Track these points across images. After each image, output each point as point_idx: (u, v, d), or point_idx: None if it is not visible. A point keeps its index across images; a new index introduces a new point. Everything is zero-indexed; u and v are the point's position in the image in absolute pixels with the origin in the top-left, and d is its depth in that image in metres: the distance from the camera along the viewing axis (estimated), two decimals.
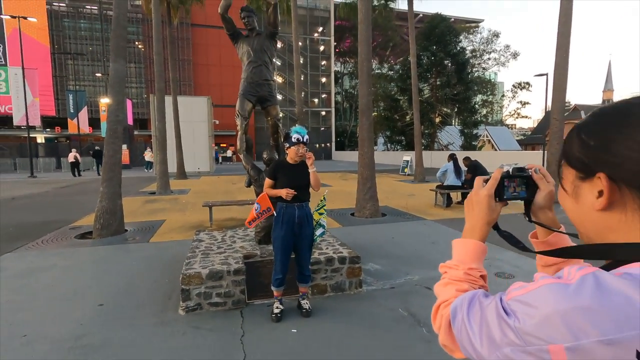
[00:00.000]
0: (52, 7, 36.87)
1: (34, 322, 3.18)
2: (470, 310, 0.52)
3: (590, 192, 0.50)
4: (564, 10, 9.21)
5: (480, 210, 0.66)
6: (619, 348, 0.38)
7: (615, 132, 0.47)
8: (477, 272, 0.63)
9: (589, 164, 0.50)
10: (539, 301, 0.44)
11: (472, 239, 0.67)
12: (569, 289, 0.42)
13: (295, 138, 3.04)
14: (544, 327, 0.42)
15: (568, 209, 0.56)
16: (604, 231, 0.50)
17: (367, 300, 3.61)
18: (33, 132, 29.95)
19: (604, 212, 0.49)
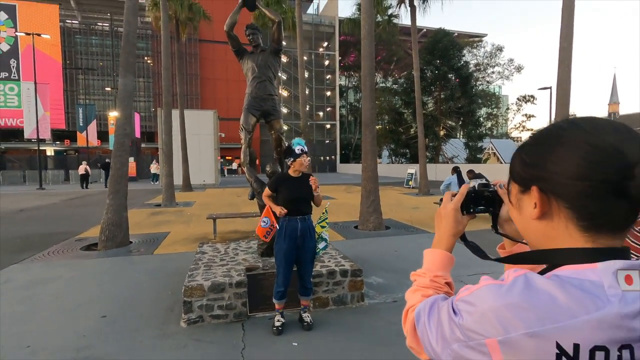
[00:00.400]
0: (66, 24, 38.04)
1: (37, 333, 3.20)
2: (431, 313, 0.57)
3: (529, 203, 0.56)
4: (565, 25, 9.31)
5: (447, 222, 0.72)
6: (541, 340, 0.44)
7: (544, 151, 0.53)
8: (442, 279, 0.69)
9: (526, 178, 0.56)
10: (478, 300, 0.50)
11: (439, 249, 0.72)
12: (502, 288, 0.48)
13: (299, 150, 3.10)
14: (481, 322, 0.48)
15: (515, 219, 0.61)
16: (541, 238, 0.56)
17: (369, 313, 3.59)
18: (43, 144, 30.50)
19: (539, 221, 0.55)
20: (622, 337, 0.44)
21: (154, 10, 17.55)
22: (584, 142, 0.50)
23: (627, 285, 0.47)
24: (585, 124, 0.52)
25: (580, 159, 0.49)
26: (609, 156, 0.48)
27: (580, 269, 0.49)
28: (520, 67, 37.60)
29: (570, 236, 0.52)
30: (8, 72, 35.19)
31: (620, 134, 0.50)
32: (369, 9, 7.86)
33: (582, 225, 0.51)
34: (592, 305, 0.45)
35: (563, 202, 0.52)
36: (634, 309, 0.45)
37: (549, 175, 0.52)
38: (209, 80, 40.89)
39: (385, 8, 18.91)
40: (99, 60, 39.24)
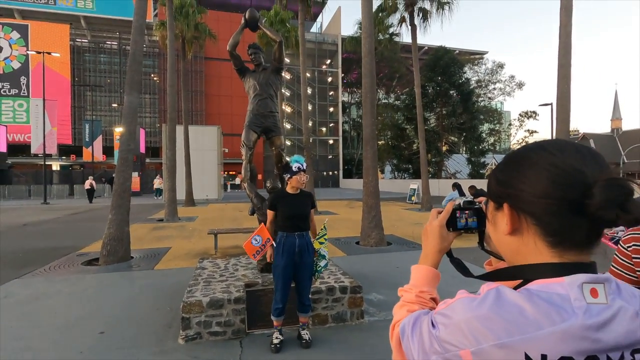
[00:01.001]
0: (76, 42, 39.11)
1: (35, 349, 3.19)
2: (414, 328, 0.59)
3: (502, 220, 0.59)
4: (563, 43, 9.46)
5: (433, 239, 0.74)
6: (510, 350, 0.46)
7: (515, 171, 0.57)
8: (428, 294, 0.70)
9: (499, 196, 0.59)
10: (452, 312, 0.52)
11: (425, 265, 0.74)
12: (475, 301, 0.51)
13: (296, 167, 3.14)
14: (454, 334, 0.50)
15: (491, 235, 0.64)
16: (513, 253, 0.59)
17: (368, 331, 3.55)
18: (49, 159, 30.91)
19: (511, 237, 0.58)
20: (587, 348, 0.46)
21: (161, 29, 18.06)
22: (549, 164, 0.53)
23: (592, 298, 0.49)
24: (551, 147, 0.55)
25: (545, 178, 0.53)
26: (570, 176, 0.52)
27: (548, 283, 0.52)
28: (521, 83, 37.95)
29: (539, 252, 0.55)
30: (18, 89, 36.03)
31: (582, 156, 0.53)
32: (370, 29, 8.05)
33: (548, 241, 0.54)
34: (558, 317, 0.47)
35: (531, 218, 0.55)
36: (598, 321, 0.47)
37: (518, 193, 0.56)
38: (213, 97, 41.55)
39: (387, 27, 19.30)
40: (107, 77, 40.12)
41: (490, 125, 37.91)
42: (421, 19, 17.41)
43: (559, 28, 9.48)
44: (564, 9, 9.38)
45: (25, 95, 35.76)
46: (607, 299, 0.49)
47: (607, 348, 0.46)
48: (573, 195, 0.51)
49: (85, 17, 39.64)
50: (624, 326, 0.48)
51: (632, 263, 1.21)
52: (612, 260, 1.30)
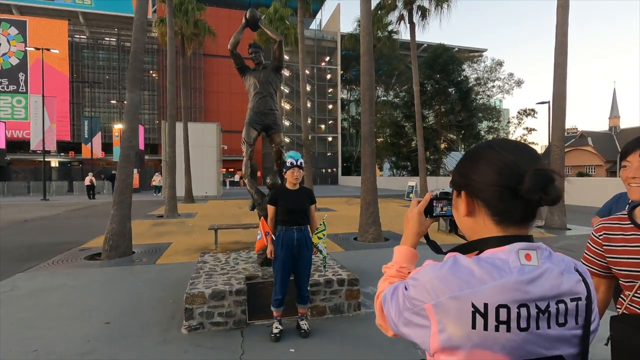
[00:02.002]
0: (74, 39, 39.00)
1: (43, 338, 3.31)
2: (393, 294, 0.72)
3: (462, 204, 0.74)
4: (559, 42, 9.57)
5: (412, 224, 0.89)
6: (461, 301, 0.60)
7: (469, 164, 0.72)
8: (406, 270, 0.84)
9: (459, 185, 0.74)
10: (420, 275, 0.66)
11: (405, 245, 0.88)
12: (437, 265, 0.66)
13: (289, 162, 3.25)
14: (420, 292, 0.64)
15: (455, 217, 0.79)
16: (470, 231, 0.74)
17: (365, 322, 3.68)
18: (48, 156, 30.92)
19: (468, 218, 0.73)
20: (519, 298, 0.60)
21: (161, 26, 18.08)
22: (495, 159, 0.68)
23: (526, 260, 0.63)
24: (497, 145, 0.70)
25: (492, 170, 0.67)
26: (509, 168, 0.66)
27: (494, 251, 0.66)
28: (520, 81, 38.02)
29: (488, 229, 0.70)
30: (16, 85, 35.94)
31: (520, 152, 0.68)
32: (368, 28, 8.14)
33: (495, 219, 0.69)
34: (498, 275, 0.61)
35: (481, 202, 0.69)
36: (529, 277, 0.61)
37: (472, 182, 0.70)
38: (212, 94, 41.55)
39: (386, 25, 19.38)
40: (105, 73, 40.05)
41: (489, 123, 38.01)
42: (420, 16, 17.49)
43: (556, 27, 9.59)
44: (561, 7, 9.48)
45: (23, 91, 35.70)
46: (538, 262, 0.64)
47: (535, 298, 0.61)
48: (511, 182, 0.65)
49: (83, 13, 39.46)
50: (550, 282, 0.62)
51: (603, 250, 1.34)
52: (585, 247, 1.43)
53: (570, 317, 0.63)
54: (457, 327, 0.59)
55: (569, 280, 0.64)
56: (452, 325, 0.60)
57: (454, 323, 0.60)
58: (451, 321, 0.60)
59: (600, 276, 1.37)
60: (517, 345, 0.59)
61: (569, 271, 0.66)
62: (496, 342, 0.59)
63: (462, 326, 0.59)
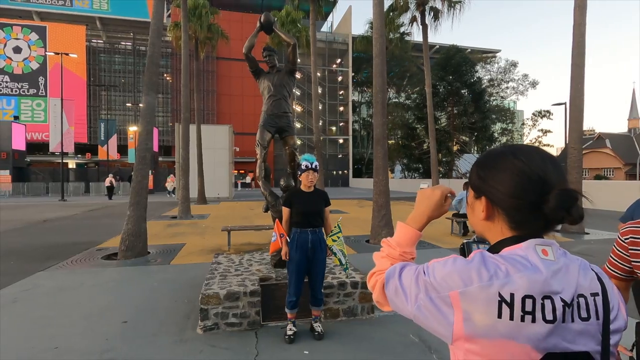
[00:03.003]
0: (91, 43, 40.02)
1: (64, 336, 3.40)
2: (402, 276, 0.73)
3: (479, 207, 0.75)
4: (577, 43, 9.39)
5: (428, 204, 0.84)
6: (488, 290, 0.62)
7: (490, 170, 0.72)
8: (409, 255, 0.83)
9: (479, 189, 0.75)
10: (447, 264, 0.68)
11: (413, 227, 0.84)
12: (465, 259, 0.68)
13: (304, 165, 3.26)
14: (447, 279, 0.65)
15: (468, 215, 0.80)
16: (484, 231, 0.76)
17: (378, 325, 3.67)
18: (65, 157, 31.68)
19: (485, 222, 0.75)
20: (544, 290, 0.62)
21: (175, 31, 18.42)
22: (519, 170, 0.69)
23: (543, 255, 0.66)
24: (523, 156, 0.70)
25: (514, 182, 0.68)
26: (533, 183, 0.67)
27: (512, 249, 0.69)
28: (535, 82, 37.40)
29: (503, 233, 0.72)
30: (36, 89, 37.04)
31: (546, 166, 0.68)
32: (381, 29, 8.14)
33: (511, 227, 0.71)
34: (522, 267, 0.64)
35: (501, 210, 0.71)
36: (551, 271, 0.64)
37: (493, 190, 0.71)
38: (225, 96, 42.03)
39: (398, 26, 19.32)
40: (121, 77, 40.94)
41: (503, 125, 37.45)
42: (432, 18, 17.38)
43: (573, 27, 9.41)
44: (578, 7, 9.31)
45: (43, 95, 36.76)
46: (554, 257, 0.66)
47: (558, 291, 0.63)
48: (534, 198, 0.67)
49: (100, 18, 40.47)
50: (569, 276, 0.65)
51: (628, 254, 1.31)
52: (611, 251, 1.40)
53: (592, 312, 0.64)
54: (484, 315, 0.61)
55: (585, 276, 0.66)
56: (478, 314, 0.61)
57: (480, 312, 0.61)
58: (478, 310, 0.61)
59: (620, 279, 1.36)
60: (542, 337, 0.60)
61: (584, 268, 0.68)
62: (521, 332, 0.60)
63: (488, 315, 0.61)
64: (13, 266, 6.11)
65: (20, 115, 35.55)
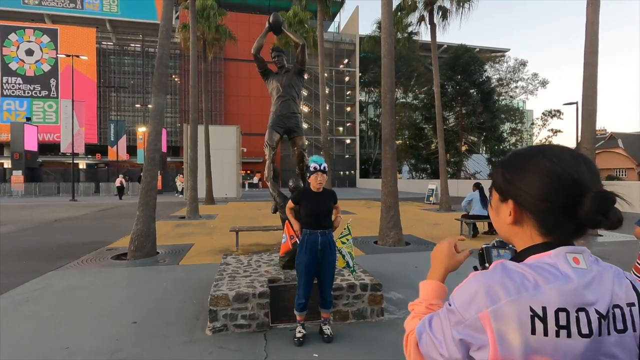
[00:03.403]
0: (101, 45, 40.57)
1: (75, 336, 3.42)
2: (431, 323, 0.68)
3: (505, 210, 0.70)
4: (589, 41, 9.21)
5: (440, 257, 0.85)
6: (519, 305, 0.57)
7: (518, 171, 0.68)
8: (437, 307, 0.79)
9: (505, 191, 0.69)
10: (468, 285, 0.63)
11: (432, 280, 0.83)
12: (486, 272, 0.63)
13: (313, 167, 3.24)
14: (472, 300, 0.61)
15: (492, 218, 0.75)
16: (511, 236, 0.72)
17: (388, 328, 3.62)
18: (76, 158, 32.15)
19: (512, 226, 0.70)
20: (578, 301, 0.58)
21: (183, 32, 18.56)
22: (549, 171, 0.64)
23: (575, 264, 0.61)
24: (554, 156, 0.65)
25: (544, 184, 0.63)
26: (566, 185, 0.62)
27: (540, 257, 0.64)
28: (545, 81, 36.94)
29: (532, 238, 0.68)
30: (48, 91, 37.66)
31: (578, 165, 0.63)
32: (389, 29, 8.08)
33: (541, 232, 0.67)
34: (552, 277, 0.59)
35: (529, 214, 0.67)
36: (584, 281, 0.59)
37: (521, 193, 0.67)
38: (232, 97, 42.26)
39: (405, 26, 19.19)
40: (130, 78, 41.43)
41: (512, 125, 37.04)
42: (440, 17, 17.22)
43: (585, 25, 9.25)
44: (591, 5, 9.14)
45: (54, 96, 37.37)
46: (586, 265, 0.62)
47: (593, 302, 0.58)
48: (567, 201, 0.62)
49: (110, 20, 41.02)
50: (604, 286, 0.61)
51: None
52: (638, 257, 1.35)
53: (629, 323, 0.60)
54: (516, 333, 0.56)
55: (620, 285, 0.62)
56: (510, 332, 0.57)
57: (512, 329, 0.57)
58: (510, 327, 0.57)
59: None
60: (578, 353, 0.56)
61: (618, 276, 0.63)
62: (557, 348, 0.56)
63: (521, 332, 0.56)
64: (25, 265, 6.19)
65: (33, 116, 36.17)
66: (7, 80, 36.85)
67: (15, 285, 4.98)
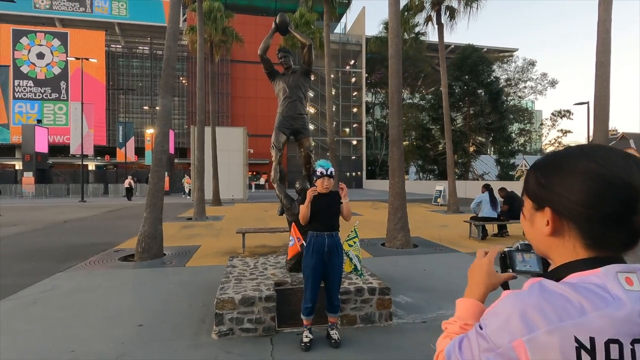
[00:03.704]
0: (110, 48, 41.07)
1: (81, 338, 3.40)
2: (461, 344, 0.61)
3: (541, 220, 0.62)
4: (602, 40, 9.01)
5: (479, 274, 0.76)
6: (561, 335, 0.49)
7: (558, 176, 0.59)
8: (472, 327, 0.70)
9: (541, 198, 0.62)
10: (501, 308, 0.55)
11: (470, 298, 0.75)
12: (521, 294, 0.54)
13: (319, 172, 3.18)
14: (506, 326, 0.53)
15: (526, 230, 0.67)
16: (549, 249, 0.63)
17: (397, 333, 3.54)
18: (85, 160, 32.54)
19: (551, 238, 0.61)
20: (634, 331, 0.49)
21: (191, 34, 18.66)
22: (594, 173, 0.55)
23: (628, 285, 0.52)
24: (597, 155, 0.57)
25: (590, 189, 0.55)
26: (616, 189, 0.54)
27: (585, 275, 0.55)
28: (554, 81, 36.47)
29: (575, 251, 0.59)
30: (58, 93, 38.21)
31: (629, 167, 0.55)
32: (397, 29, 8.00)
33: (586, 243, 0.58)
34: (601, 303, 0.50)
35: (572, 224, 0.58)
36: (639, 308, 0.50)
37: (560, 199, 0.58)
38: (239, 99, 42.45)
39: (412, 26, 19.06)
40: (139, 81, 41.85)
41: (521, 125, 36.62)
42: (448, 17, 17.07)
43: (597, 24, 9.05)
44: (603, 3, 8.95)
45: (64, 99, 37.91)
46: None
47: None
48: (618, 208, 0.53)
49: (119, 23, 41.52)
50: None
51: None
52: None
53: None
54: None
55: None
56: None
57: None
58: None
59: None
60: None
61: None
62: None
63: None
64: (34, 266, 6.24)
65: (43, 118, 36.72)
66: (19, 84, 37.49)
67: (24, 286, 5.01)
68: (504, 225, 9.06)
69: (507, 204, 8.75)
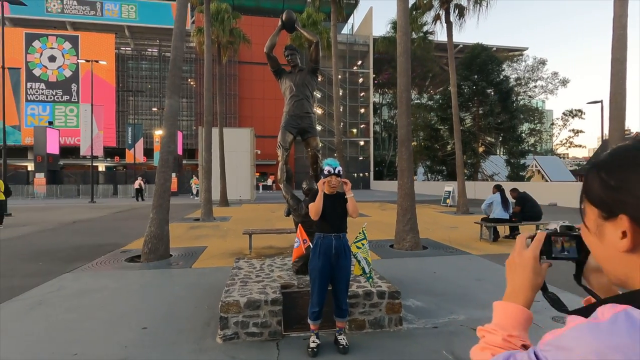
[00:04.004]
0: (120, 51, 41.59)
1: (84, 342, 3.35)
2: None
3: (614, 232, 0.49)
4: (618, 36, 8.76)
5: (523, 273, 0.62)
6: None
7: (632, 174, 0.47)
8: (519, 340, 0.58)
9: (611, 204, 0.49)
10: (572, 343, 0.42)
11: (514, 303, 0.62)
12: (601, 327, 0.41)
13: (327, 170, 3.08)
14: None
15: (592, 246, 0.54)
16: (629, 270, 0.48)
17: (407, 339, 3.42)
18: (95, 161, 32.94)
19: (628, 255, 0.47)
20: None
21: (199, 36, 18.73)
22: None
23: None
24: None
25: None
26: None
27: None
28: (565, 80, 35.89)
29: None
30: (69, 96, 38.79)
31: None
32: (406, 27, 7.87)
33: None
34: None
35: None
36: None
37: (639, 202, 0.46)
38: (246, 100, 42.60)
39: (421, 25, 18.90)
40: (148, 82, 42.29)
41: (531, 125, 36.08)
42: (457, 15, 16.85)
43: (613, 20, 8.80)
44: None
45: (75, 101, 38.47)
46: None
47: None
48: None
49: (128, 26, 42.00)
50: None
51: None
52: None
53: None
54: None
55: None
56: None
57: None
58: None
59: None
60: None
61: None
62: None
63: None
64: (42, 267, 6.24)
65: (55, 120, 37.29)
66: (31, 86, 38.15)
67: (30, 287, 5.00)
68: (516, 227, 8.84)
69: (519, 205, 8.54)
